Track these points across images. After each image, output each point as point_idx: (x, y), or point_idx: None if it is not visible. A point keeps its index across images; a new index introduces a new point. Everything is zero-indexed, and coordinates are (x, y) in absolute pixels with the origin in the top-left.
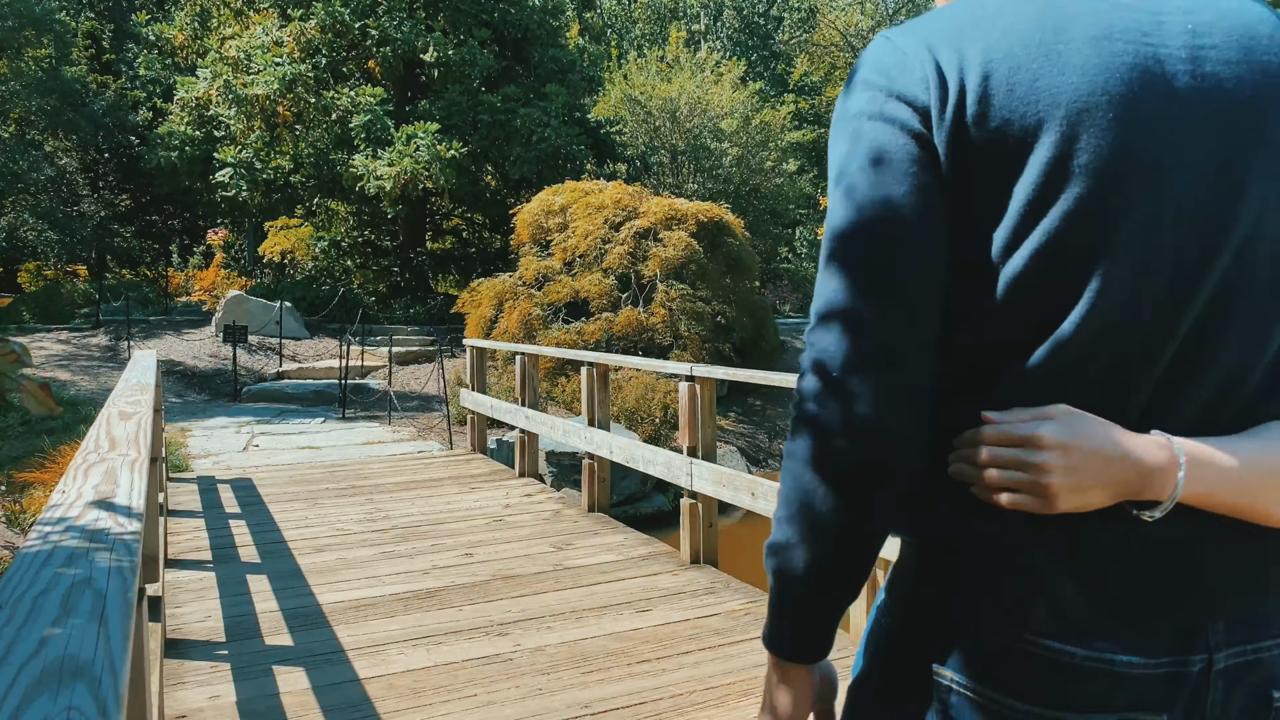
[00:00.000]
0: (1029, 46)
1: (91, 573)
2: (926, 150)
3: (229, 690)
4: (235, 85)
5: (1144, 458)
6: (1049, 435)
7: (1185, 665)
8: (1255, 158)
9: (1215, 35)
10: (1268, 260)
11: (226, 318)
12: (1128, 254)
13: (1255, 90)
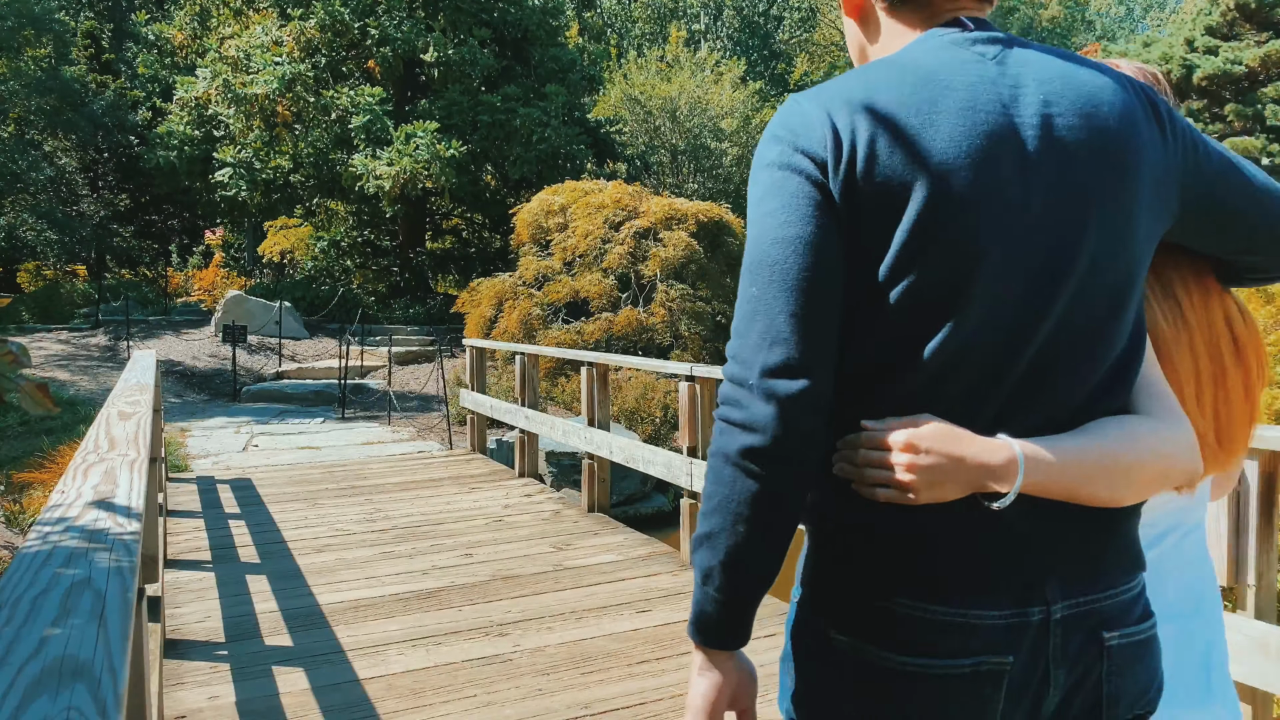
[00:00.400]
0: (909, 115)
1: (91, 573)
2: (824, 195)
3: (228, 690)
4: (235, 85)
5: (988, 460)
6: (911, 441)
7: (1026, 616)
8: (1093, 204)
9: (1063, 103)
10: (1104, 289)
11: (226, 318)
12: (982, 290)
13: (1094, 148)
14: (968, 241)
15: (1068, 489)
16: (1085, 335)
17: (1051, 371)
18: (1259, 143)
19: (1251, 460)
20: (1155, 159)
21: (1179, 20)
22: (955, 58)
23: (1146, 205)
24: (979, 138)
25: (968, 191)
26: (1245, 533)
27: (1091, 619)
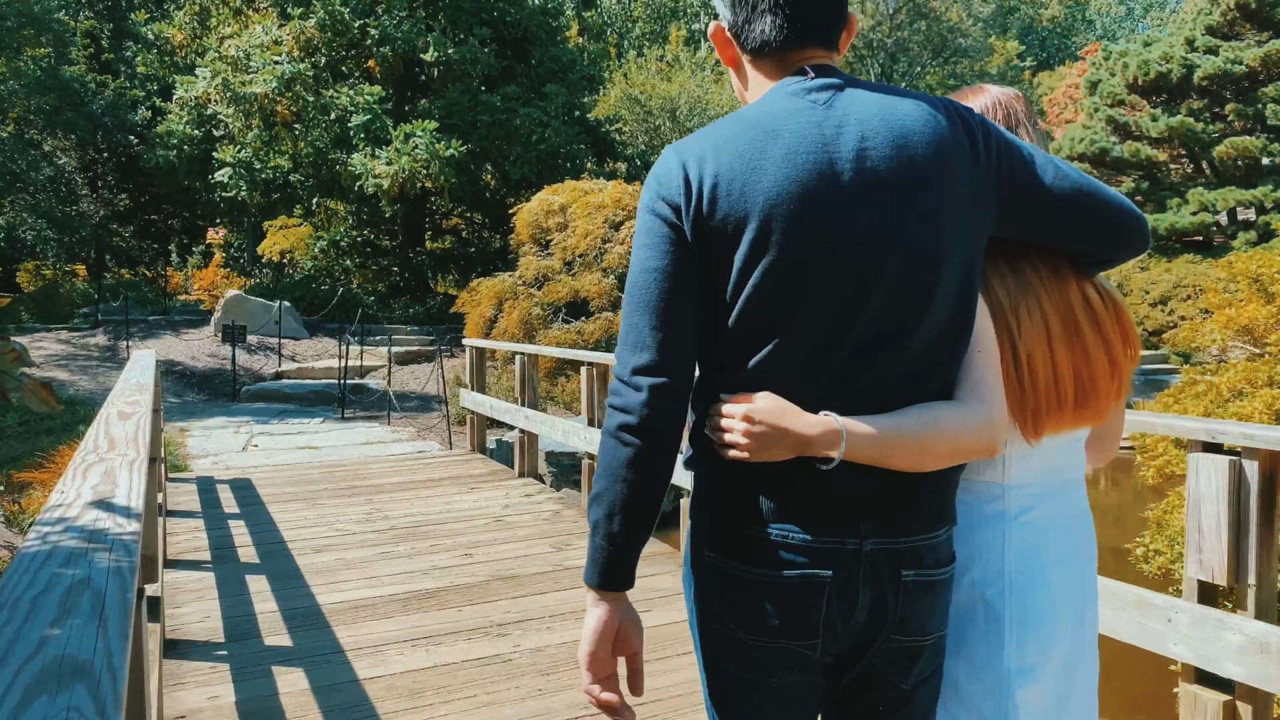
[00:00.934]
0: (743, 163)
1: (90, 573)
2: (679, 234)
3: (228, 691)
4: (234, 84)
5: (808, 431)
6: (747, 413)
7: (843, 544)
8: (902, 223)
9: (878, 137)
10: (912, 290)
11: (225, 317)
12: (805, 299)
13: (904, 176)
14: (790, 265)
15: (877, 458)
16: (895, 329)
17: (868, 357)
18: (1259, 142)
19: (1251, 460)
20: (966, 173)
21: (1179, 20)
22: (791, 106)
23: (959, 211)
24: (800, 175)
25: (788, 224)
26: (1245, 533)
27: (894, 557)
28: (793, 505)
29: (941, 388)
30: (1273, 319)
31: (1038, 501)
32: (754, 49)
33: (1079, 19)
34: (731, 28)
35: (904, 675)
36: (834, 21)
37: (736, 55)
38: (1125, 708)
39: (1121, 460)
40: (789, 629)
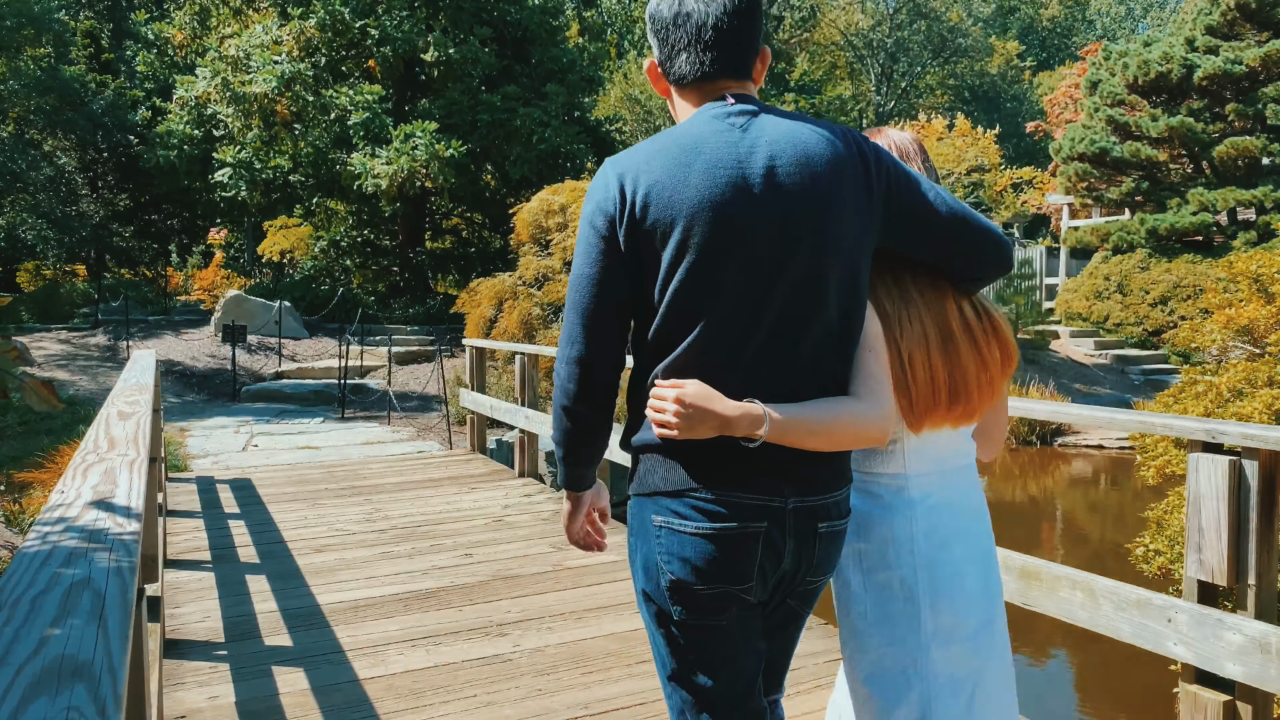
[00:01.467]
0: (669, 177)
1: (90, 573)
2: (613, 242)
3: (228, 691)
4: (234, 84)
5: (731, 414)
6: (678, 397)
7: (772, 502)
8: (806, 229)
9: (785, 157)
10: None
11: (225, 317)
12: (723, 294)
13: (805, 190)
14: (710, 264)
15: (791, 441)
16: (799, 321)
17: (774, 348)
18: (1259, 142)
19: (1251, 460)
20: (858, 193)
21: (1179, 20)
22: (712, 129)
23: (850, 221)
24: (718, 187)
25: (708, 228)
26: (1245, 533)
27: (811, 513)
28: (728, 473)
29: (835, 377)
30: (1273, 319)
31: (935, 487)
32: (676, 81)
33: (1079, 19)
34: (660, 64)
35: (807, 607)
36: (744, 57)
37: (667, 86)
38: (1125, 708)
39: (1121, 460)
40: (731, 575)
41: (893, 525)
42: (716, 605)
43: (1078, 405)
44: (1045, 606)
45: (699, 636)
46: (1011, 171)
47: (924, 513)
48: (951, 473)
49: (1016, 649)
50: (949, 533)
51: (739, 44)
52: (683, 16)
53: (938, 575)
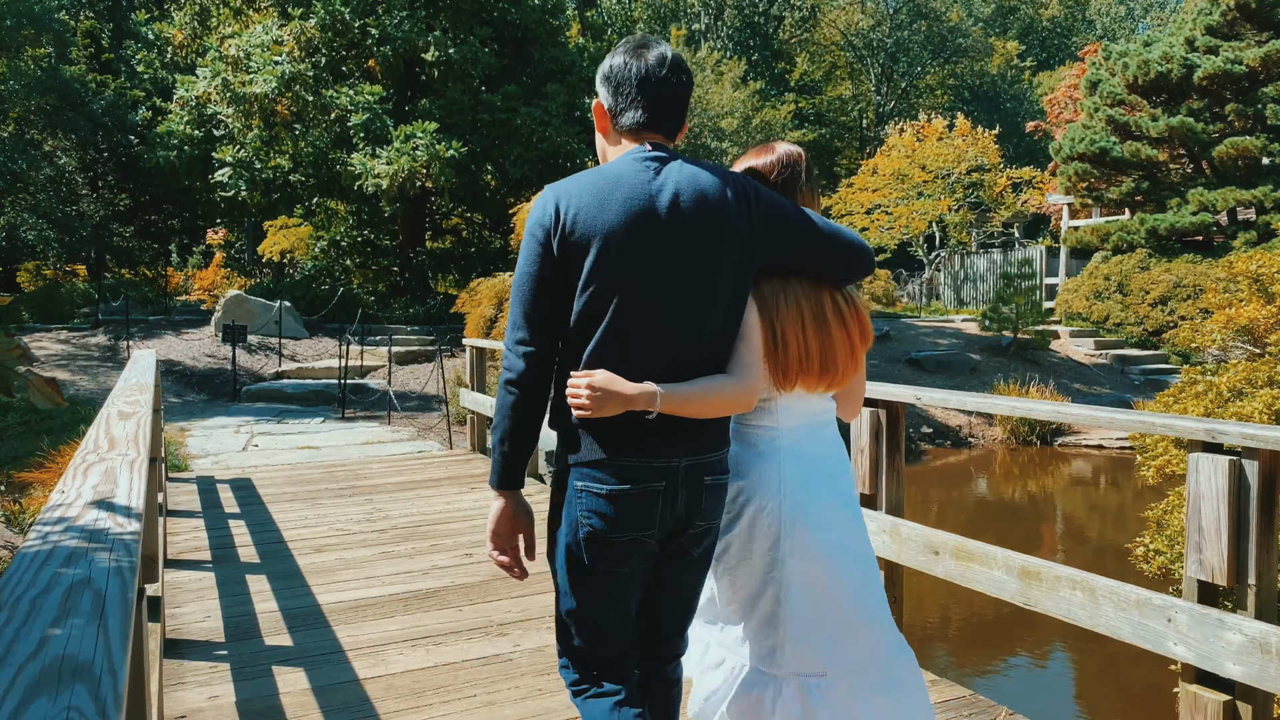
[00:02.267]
0: (594, 203)
1: (91, 573)
2: (548, 249)
3: (228, 690)
4: (234, 84)
5: (632, 394)
6: (589, 384)
7: (668, 463)
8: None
9: (686, 193)
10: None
11: (226, 317)
12: (628, 298)
13: (700, 220)
14: (620, 272)
15: (680, 411)
16: (693, 320)
17: (672, 341)
18: (1259, 142)
19: (1251, 460)
20: (742, 222)
21: (1179, 20)
22: (631, 169)
23: (735, 246)
24: (632, 214)
25: (621, 244)
26: (1245, 533)
27: (699, 469)
28: (632, 444)
29: (720, 363)
30: (1273, 319)
31: (800, 437)
32: (621, 129)
33: (1079, 19)
34: (610, 110)
35: (697, 547)
36: (676, 121)
37: (609, 127)
38: (1125, 708)
39: (1121, 460)
40: (638, 524)
41: (766, 467)
42: (623, 553)
43: (1078, 405)
44: (1045, 606)
45: (601, 581)
46: (1011, 171)
47: (791, 458)
48: (815, 427)
49: (1017, 648)
50: (812, 474)
51: (675, 110)
52: (637, 81)
53: (798, 506)
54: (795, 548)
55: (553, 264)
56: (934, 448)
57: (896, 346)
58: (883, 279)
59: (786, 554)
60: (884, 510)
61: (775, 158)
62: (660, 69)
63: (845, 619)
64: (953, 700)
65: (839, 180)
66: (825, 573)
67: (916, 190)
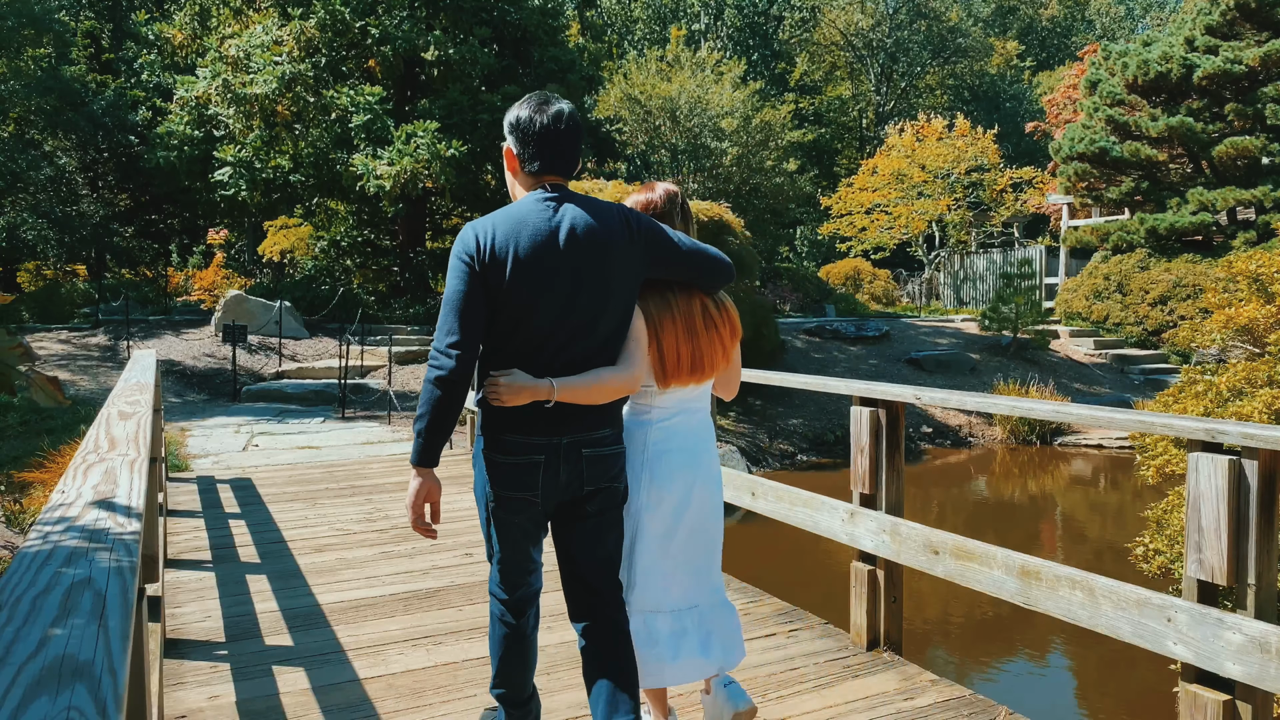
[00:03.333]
0: (506, 237)
1: (91, 572)
2: (474, 269)
3: (229, 690)
4: (234, 84)
5: (535, 387)
6: (506, 382)
7: (549, 440)
8: (588, 271)
9: (580, 225)
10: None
11: (226, 317)
12: (536, 310)
13: (591, 246)
14: (529, 289)
15: (574, 398)
16: (585, 328)
17: (571, 344)
18: (1259, 142)
19: (1251, 460)
20: (625, 245)
21: (1179, 19)
22: (534, 208)
23: (620, 265)
24: (537, 245)
25: (529, 269)
26: (1245, 532)
27: (578, 445)
28: (528, 423)
29: (612, 357)
30: (1272, 319)
31: (669, 416)
32: (527, 172)
33: (1078, 19)
34: (518, 155)
35: (592, 506)
36: (570, 163)
37: (518, 168)
38: (1125, 707)
39: (1121, 459)
40: (523, 487)
41: (640, 435)
42: (516, 508)
43: (1078, 405)
44: (1045, 606)
45: (504, 527)
46: (1011, 171)
47: (658, 430)
48: (687, 411)
49: (1017, 648)
50: (671, 447)
51: (570, 157)
52: (540, 133)
53: (657, 468)
54: (649, 503)
55: (478, 280)
56: (934, 447)
57: (896, 346)
58: (882, 279)
59: (641, 508)
60: (884, 510)
61: (657, 195)
62: (558, 124)
63: (684, 566)
64: (952, 700)
65: (839, 180)
66: (672, 526)
67: (916, 190)
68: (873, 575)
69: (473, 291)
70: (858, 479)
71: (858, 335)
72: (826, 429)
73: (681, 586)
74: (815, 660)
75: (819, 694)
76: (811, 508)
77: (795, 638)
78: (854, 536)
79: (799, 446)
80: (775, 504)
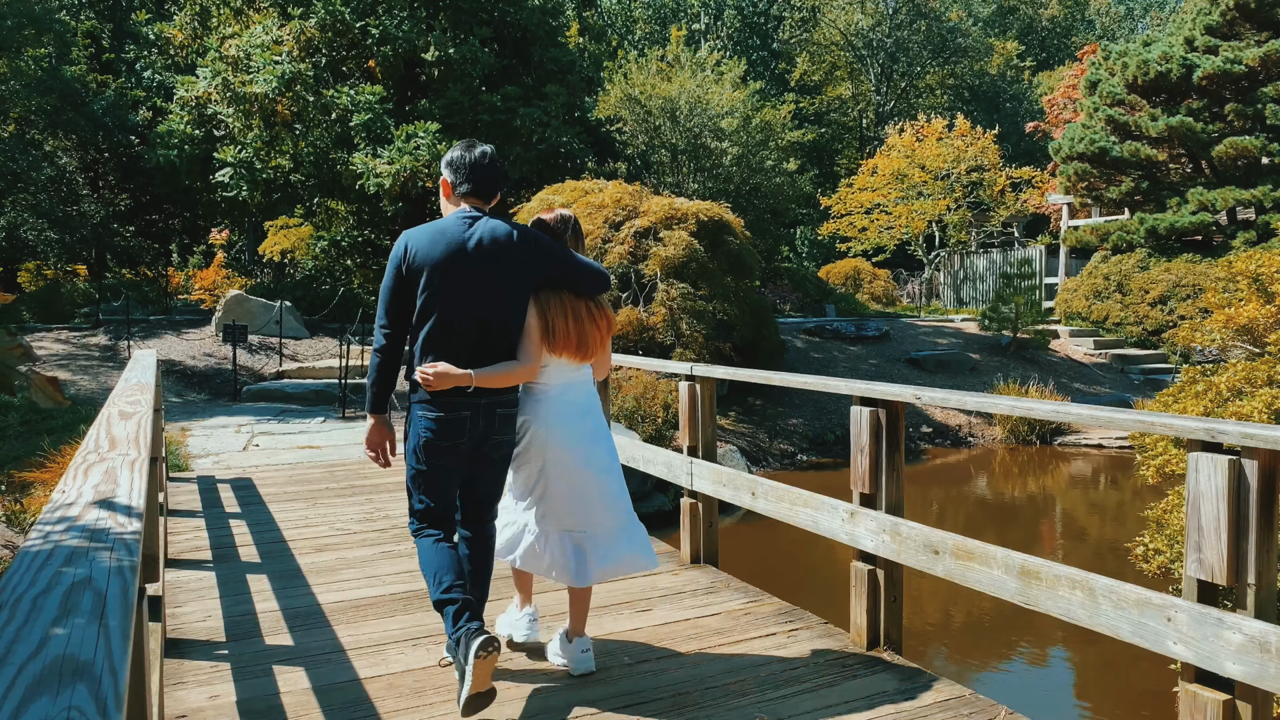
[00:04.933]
0: (427, 246)
1: (92, 572)
2: (399, 274)
3: (229, 690)
4: (235, 84)
5: (458, 376)
6: (433, 371)
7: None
8: (493, 275)
9: (488, 239)
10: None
11: (226, 317)
12: (448, 305)
13: (496, 255)
14: (443, 288)
15: (487, 384)
16: (489, 320)
17: (479, 337)
18: (1259, 142)
19: (1251, 460)
20: (524, 256)
21: (1179, 19)
22: (455, 224)
23: (518, 272)
24: (451, 252)
25: (444, 271)
26: (1245, 532)
27: (492, 405)
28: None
29: (511, 347)
30: (1272, 318)
31: (562, 390)
32: (457, 195)
33: (1078, 19)
34: (451, 184)
35: (497, 453)
36: (490, 189)
37: (450, 193)
38: (1125, 707)
39: (1121, 459)
40: (451, 435)
41: (538, 406)
42: (441, 454)
43: (1078, 405)
44: (1045, 606)
45: (429, 472)
46: (1011, 171)
47: (554, 402)
48: (573, 385)
49: (1017, 648)
50: (564, 411)
51: (490, 185)
52: (467, 167)
53: (553, 430)
54: (552, 456)
55: (402, 282)
56: (934, 447)
57: (896, 346)
58: (882, 279)
59: (549, 460)
60: (884, 509)
61: (553, 216)
62: (482, 160)
63: (588, 500)
64: (952, 700)
65: (839, 180)
66: (571, 471)
67: (916, 190)
68: (873, 575)
69: (398, 287)
70: (858, 479)
71: (858, 335)
72: (826, 429)
73: (573, 515)
74: (815, 660)
75: (819, 694)
76: (812, 507)
77: (795, 637)
78: (854, 536)
79: (799, 446)
80: (775, 504)
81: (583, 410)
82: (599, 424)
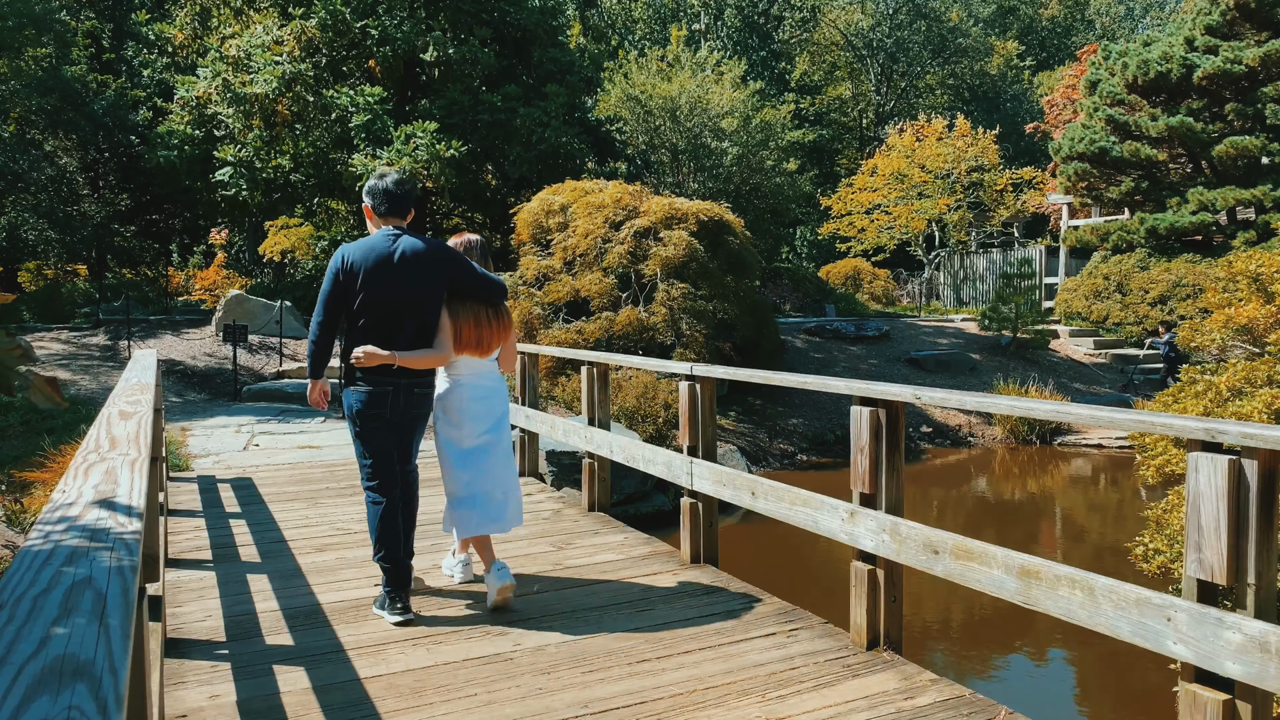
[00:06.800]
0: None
1: (92, 572)
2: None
3: (229, 690)
4: (235, 84)
5: (384, 356)
6: (363, 352)
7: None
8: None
9: (409, 253)
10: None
11: (227, 317)
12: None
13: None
14: (373, 290)
15: (409, 365)
16: (410, 316)
17: (402, 328)
18: (1259, 142)
19: (1251, 459)
20: (435, 267)
21: (1179, 19)
22: (382, 240)
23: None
24: (379, 262)
25: (373, 277)
26: (1245, 532)
27: (410, 384)
28: (385, 370)
29: (428, 338)
30: (1272, 318)
31: (470, 377)
32: (379, 216)
33: (1078, 19)
34: (373, 208)
35: (419, 423)
36: (404, 210)
37: (373, 215)
38: (1125, 707)
39: (1121, 459)
40: (378, 407)
41: (451, 390)
42: (369, 419)
43: (1078, 405)
44: (1045, 606)
45: (367, 434)
46: (1011, 171)
47: (462, 387)
48: (480, 374)
49: (1017, 648)
50: (470, 395)
51: (404, 206)
52: (382, 194)
53: (462, 410)
54: (461, 436)
55: (339, 285)
56: (933, 447)
57: (896, 346)
58: (882, 279)
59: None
60: (884, 509)
61: (464, 239)
62: (398, 187)
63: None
64: (952, 699)
65: (839, 180)
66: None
67: (916, 190)
68: (873, 575)
69: (334, 290)
70: (858, 478)
71: (858, 335)
72: (826, 429)
73: (483, 481)
74: (815, 660)
75: (819, 693)
76: (811, 507)
77: (795, 637)
78: (854, 536)
79: (799, 446)
80: (775, 503)
81: (484, 395)
82: (499, 408)
